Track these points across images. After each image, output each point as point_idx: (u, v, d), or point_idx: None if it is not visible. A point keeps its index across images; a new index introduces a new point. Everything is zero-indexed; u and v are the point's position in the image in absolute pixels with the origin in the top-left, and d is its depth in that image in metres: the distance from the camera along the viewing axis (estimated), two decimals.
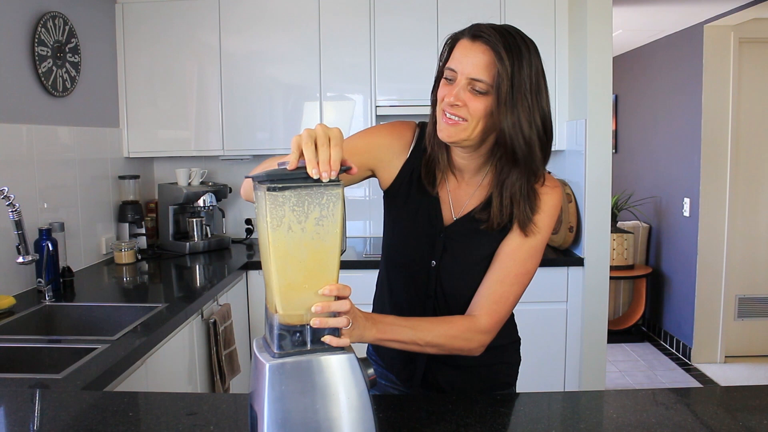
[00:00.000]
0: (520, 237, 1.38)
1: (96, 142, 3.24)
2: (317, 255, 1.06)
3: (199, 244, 3.51)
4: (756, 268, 4.60)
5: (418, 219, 1.46)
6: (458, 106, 1.29)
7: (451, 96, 1.30)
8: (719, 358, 4.61)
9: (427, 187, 1.44)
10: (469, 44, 1.30)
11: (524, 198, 1.36)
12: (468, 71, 1.28)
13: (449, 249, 1.44)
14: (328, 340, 1.07)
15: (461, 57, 1.30)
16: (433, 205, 1.45)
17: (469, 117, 1.30)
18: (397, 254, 1.52)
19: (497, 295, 1.37)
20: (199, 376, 2.55)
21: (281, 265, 1.04)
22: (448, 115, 1.31)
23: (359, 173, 1.44)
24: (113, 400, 1.42)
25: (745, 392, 1.49)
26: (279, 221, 1.01)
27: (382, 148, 1.48)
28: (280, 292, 1.05)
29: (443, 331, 1.30)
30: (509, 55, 1.27)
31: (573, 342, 3.25)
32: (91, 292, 2.68)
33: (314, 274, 1.06)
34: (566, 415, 1.36)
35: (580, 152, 3.23)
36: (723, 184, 4.48)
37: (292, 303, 1.06)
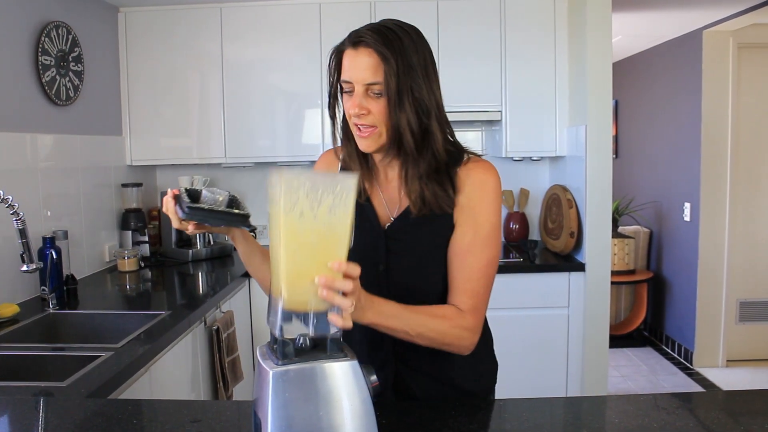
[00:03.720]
0: (470, 231, 1.38)
1: (99, 151, 3.26)
2: (327, 243, 1.07)
3: (202, 252, 3.52)
4: (757, 272, 4.61)
5: (357, 228, 1.43)
6: (364, 114, 1.33)
7: (354, 107, 1.33)
8: (721, 363, 4.61)
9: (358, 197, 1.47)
10: (353, 52, 1.33)
11: (435, 182, 1.38)
12: (360, 77, 1.31)
13: (393, 249, 1.44)
14: (333, 319, 1.08)
15: (350, 67, 1.33)
16: (367, 212, 1.46)
17: (377, 122, 1.34)
18: None
19: (470, 292, 1.37)
20: (203, 384, 2.55)
21: (291, 250, 1.05)
22: (359, 126, 1.35)
23: None
24: (117, 407, 1.43)
25: (746, 396, 1.50)
26: (292, 206, 1.03)
27: None
28: (287, 277, 1.05)
29: (436, 325, 1.32)
30: (392, 51, 1.30)
31: (575, 347, 3.26)
32: (95, 299, 2.70)
33: (323, 263, 1.07)
34: (568, 421, 1.37)
35: (580, 158, 3.24)
36: (723, 188, 4.49)
37: (299, 289, 1.06)
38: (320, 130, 3.52)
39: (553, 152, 3.48)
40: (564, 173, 3.54)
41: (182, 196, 1.28)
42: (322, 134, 3.52)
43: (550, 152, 3.48)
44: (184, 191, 1.29)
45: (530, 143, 3.48)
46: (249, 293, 3.27)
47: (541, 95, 3.45)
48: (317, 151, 3.53)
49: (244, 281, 3.20)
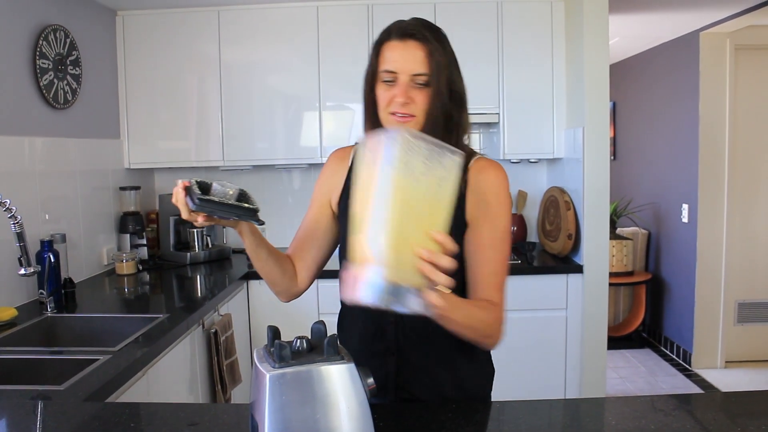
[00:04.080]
0: (487, 227, 1.42)
1: (97, 154, 3.26)
2: (434, 214, 1.06)
3: (200, 255, 3.53)
4: (755, 273, 4.61)
5: None
6: (408, 103, 1.38)
7: (401, 96, 1.38)
8: (720, 364, 4.61)
9: None
10: (401, 44, 1.39)
11: None
12: (409, 68, 1.38)
13: None
14: (431, 297, 1.08)
15: (398, 57, 1.39)
16: None
17: (418, 111, 1.39)
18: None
19: (497, 285, 1.40)
20: (201, 387, 2.55)
21: (401, 215, 1.02)
22: (399, 115, 1.39)
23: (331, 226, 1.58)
24: (115, 411, 1.43)
25: (743, 397, 1.50)
26: (411, 170, 1.01)
27: (328, 178, 1.59)
28: (393, 244, 1.02)
29: (485, 317, 1.34)
30: (438, 44, 1.40)
31: (573, 349, 3.26)
32: (93, 303, 2.69)
33: (426, 235, 1.05)
34: (565, 423, 1.37)
35: (578, 160, 3.24)
36: (721, 189, 4.49)
37: (402, 258, 1.03)
38: (318, 133, 3.52)
39: (550, 154, 3.48)
40: (562, 175, 3.54)
41: (193, 187, 1.28)
42: (320, 136, 3.52)
43: (548, 154, 3.48)
44: (195, 183, 1.29)
45: (528, 145, 3.48)
46: (247, 296, 3.27)
47: (538, 97, 3.45)
48: (315, 153, 3.53)
49: (242, 284, 3.20)
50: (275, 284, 1.52)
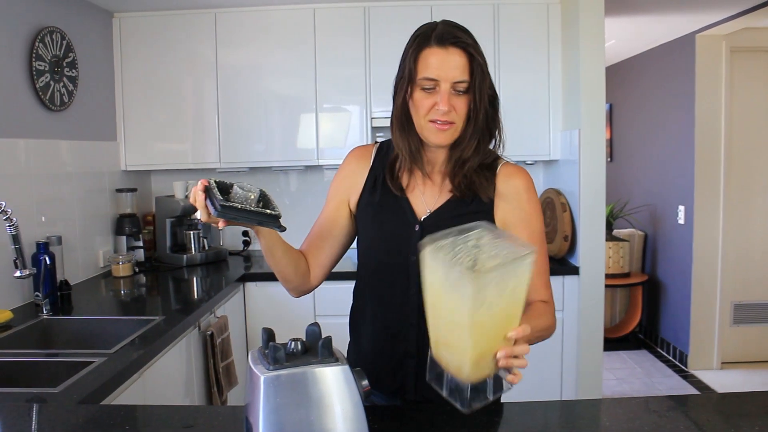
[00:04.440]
0: (524, 229, 1.47)
1: (93, 156, 3.26)
2: (510, 318, 1.09)
3: (197, 257, 3.52)
4: (750, 275, 4.62)
5: (390, 218, 1.52)
6: (449, 111, 1.38)
7: (444, 104, 1.37)
8: (715, 365, 4.62)
9: (394, 190, 1.51)
10: (442, 51, 1.38)
11: (480, 173, 1.47)
12: (450, 76, 1.37)
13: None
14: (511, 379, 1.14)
15: (439, 64, 1.38)
16: (403, 204, 1.51)
17: (457, 118, 1.40)
18: (373, 259, 1.55)
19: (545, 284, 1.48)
20: (197, 389, 2.55)
21: (478, 340, 1.06)
22: (440, 122, 1.39)
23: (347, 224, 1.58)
24: (110, 413, 1.43)
25: (736, 398, 1.50)
26: (482, 302, 1.02)
27: (347, 177, 1.59)
28: (473, 361, 1.07)
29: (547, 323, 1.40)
30: (477, 51, 1.41)
31: (569, 350, 3.26)
32: (89, 305, 2.69)
33: (503, 335, 1.09)
34: (559, 424, 1.38)
35: (574, 161, 3.25)
36: (717, 191, 4.50)
37: (482, 367, 1.09)
38: (314, 135, 3.53)
39: (547, 156, 3.49)
40: (558, 177, 3.55)
41: (214, 191, 1.25)
42: (316, 139, 3.52)
43: (544, 156, 3.49)
44: (215, 184, 1.26)
45: (524, 147, 3.49)
46: (244, 298, 3.27)
47: (535, 99, 3.46)
48: (312, 155, 3.53)
49: (238, 286, 3.20)
50: (288, 281, 1.52)
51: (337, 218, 1.57)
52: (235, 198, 1.27)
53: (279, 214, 1.31)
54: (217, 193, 1.24)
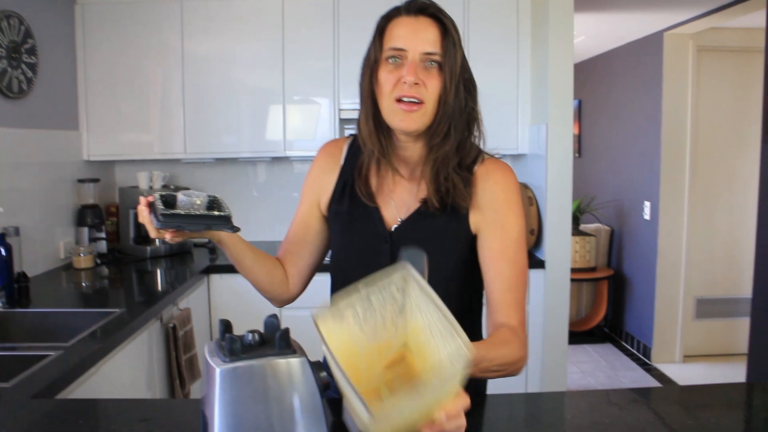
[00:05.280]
0: (497, 236, 1.31)
1: (54, 145, 3.18)
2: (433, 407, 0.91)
3: (161, 248, 3.46)
4: (714, 270, 4.70)
5: (359, 230, 1.39)
6: (418, 85, 1.24)
7: (411, 75, 1.23)
8: (678, 358, 4.69)
9: (362, 197, 1.37)
10: (411, 20, 1.27)
11: (457, 175, 1.31)
12: (420, 46, 1.24)
13: (398, 256, 1.33)
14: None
15: (408, 33, 1.25)
16: (372, 214, 1.38)
17: (426, 97, 1.25)
18: (344, 274, 1.41)
19: (515, 304, 1.29)
20: (158, 382, 2.51)
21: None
22: (405, 100, 1.25)
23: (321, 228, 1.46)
24: (64, 408, 1.39)
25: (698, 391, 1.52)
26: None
27: (317, 177, 1.47)
28: None
29: (510, 354, 1.20)
30: (451, 23, 1.28)
31: (534, 344, 3.27)
32: (48, 297, 2.63)
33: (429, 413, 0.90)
34: (523, 417, 1.37)
35: (541, 156, 3.26)
36: (682, 187, 4.57)
37: None
38: (282, 127, 3.48)
39: (514, 150, 3.49)
40: (525, 171, 3.56)
41: (156, 203, 1.20)
42: (283, 130, 3.48)
43: (512, 150, 3.49)
44: (159, 198, 1.21)
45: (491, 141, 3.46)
46: (208, 290, 3.22)
47: (503, 93, 3.46)
48: (279, 147, 3.49)
49: (203, 278, 3.15)
50: (264, 291, 1.44)
51: (310, 222, 1.46)
52: (179, 207, 1.22)
53: (229, 215, 1.24)
54: (159, 205, 1.20)
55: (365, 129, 1.35)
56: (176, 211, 1.20)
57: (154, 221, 1.20)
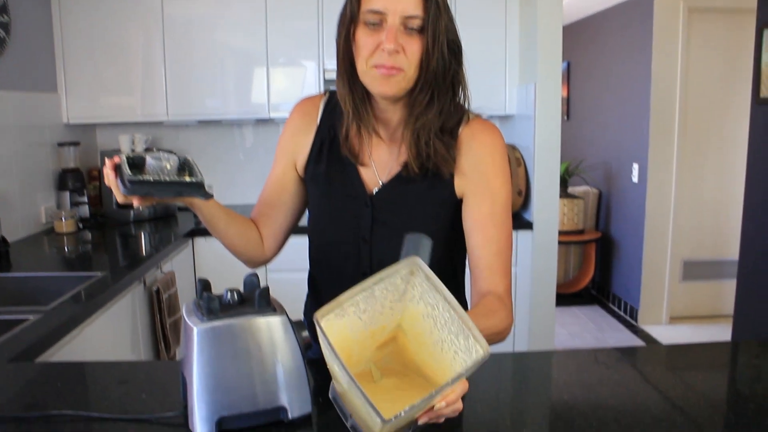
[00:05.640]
0: (486, 201, 1.26)
1: (32, 108, 3.10)
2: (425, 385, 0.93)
3: (144, 212, 3.41)
4: (701, 233, 4.71)
5: (338, 192, 1.33)
6: (398, 53, 1.16)
7: (390, 41, 1.15)
8: (665, 320, 4.73)
9: (347, 155, 1.31)
10: None
11: (439, 140, 1.25)
12: (400, 9, 1.15)
13: (379, 219, 1.30)
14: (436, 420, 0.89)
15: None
16: (352, 176, 1.32)
17: (407, 64, 1.18)
18: (323, 237, 1.39)
19: (502, 270, 1.24)
20: (143, 345, 2.49)
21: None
22: (385, 68, 1.17)
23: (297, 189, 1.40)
24: (42, 371, 1.36)
25: (683, 350, 1.51)
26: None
27: (292, 137, 1.39)
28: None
29: (496, 324, 1.14)
30: None
31: (522, 305, 3.28)
32: (28, 262, 2.58)
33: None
34: (507, 377, 1.36)
35: (529, 116, 3.22)
36: (671, 150, 4.55)
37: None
38: (265, 89, 3.41)
39: (502, 111, 3.45)
40: (513, 132, 3.52)
41: (123, 167, 1.12)
42: (267, 92, 3.41)
43: (500, 111, 3.45)
44: (125, 161, 1.13)
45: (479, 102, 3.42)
46: (193, 253, 3.19)
47: (491, 53, 3.40)
48: (263, 110, 3.43)
49: (187, 241, 3.12)
50: (239, 254, 1.39)
51: (285, 183, 1.39)
52: (148, 171, 1.14)
53: (201, 181, 1.16)
54: (126, 169, 1.11)
55: (342, 90, 1.28)
56: (144, 177, 1.12)
57: (121, 187, 1.12)
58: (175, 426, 1.07)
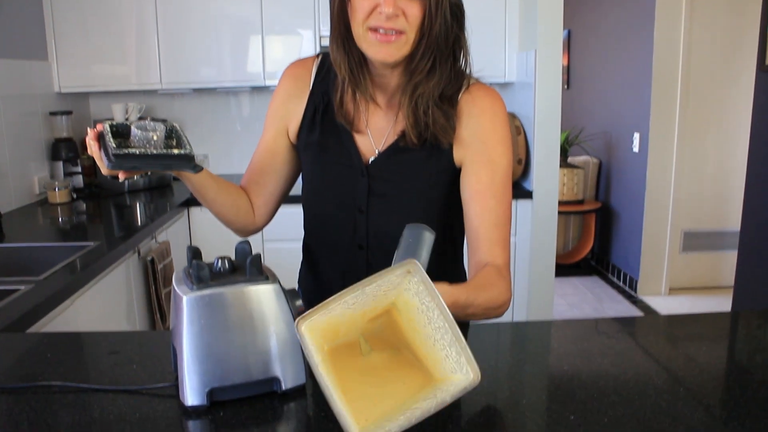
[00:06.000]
0: (486, 170, 1.22)
1: (22, 77, 3.04)
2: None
3: (139, 182, 3.37)
4: (701, 203, 4.68)
5: (333, 162, 1.29)
6: (397, 16, 1.10)
7: (389, 6, 1.08)
8: (664, 291, 4.71)
9: (342, 122, 1.27)
10: None
11: (439, 108, 1.21)
12: None
13: (375, 190, 1.27)
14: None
15: None
16: (347, 143, 1.28)
17: (407, 28, 1.12)
18: (317, 207, 1.35)
19: (502, 241, 1.21)
20: (138, 316, 2.46)
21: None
22: (382, 31, 1.12)
23: (288, 156, 1.36)
24: (31, 341, 1.33)
25: (685, 321, 1.48)
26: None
27: (284, 102, 1.34)
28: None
29: (495, 298, 1.12)
30: None
31: (521, 275, 3.25)
32: (21, 233, 2.54)
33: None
34: (506, 346, 1.33)
35: (529, 84, 3.16)
36: (672, 119, 4.49)
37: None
38: (260, 57, 3.35)
39: (502, 78, 3.39)
40: (513, 100, 3.46)
41: (107, 138, 1.06)
42: (262, 60, 3.35)
43: (499, 78, 3.39)
44: (109, 130, 1.07)
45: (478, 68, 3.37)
46: (188, 223, 3.15)
47: (490, 19, 3.33)
48: (258, 78, 3.37)
49: (182, 211, 3.08)
50: (229, 223, 1.35)
51: (276, 150, 1.35)
52: (134, 142, 1.08)
53: (190, 153, 1.11)
54: (110, 141, 1.05)
55: (335, 54, 1.22)
56: (130, 151, 1.06)
57: (105, 161, 1.07)
58: (166, 397, 1.04)
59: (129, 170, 1.09)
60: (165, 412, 0.99)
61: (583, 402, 1.01)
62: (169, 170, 1.13)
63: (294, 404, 1.01)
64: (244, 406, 1.00)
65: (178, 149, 1.11)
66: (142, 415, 0.98)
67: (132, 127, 1.10)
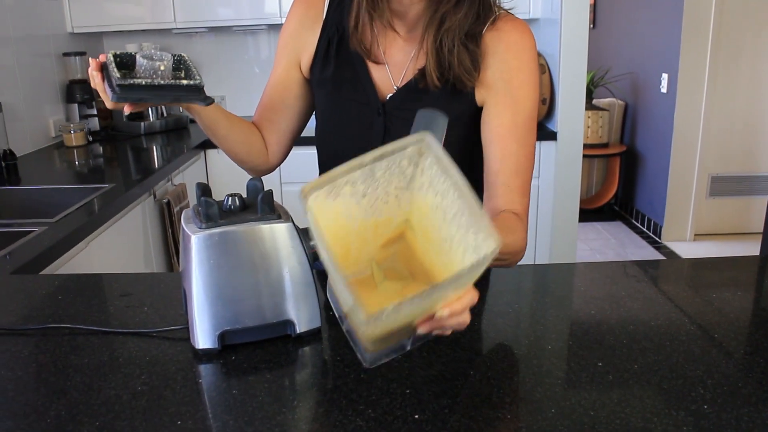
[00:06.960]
0: (508, 111, 1.15)
1: (33, 17, 2.97)
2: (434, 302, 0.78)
3: (156, 124, 3.32)
4: (731, 147, 4.53)
5: (347, 99, 1.22)
6: None
7: None
8: (689, 237, 4.62)
9: (356, 49, 1.18)
10: None
11: (464, 47, 1.12)
12: None
13: (392, 130, 1.19)
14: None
15: None
16: (362, 77, 1.20)
17: None
18: (331, 147, 1.29)
19: (521, 189, 1.15)
20: (155, 258, 2.45)
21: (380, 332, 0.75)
22: None
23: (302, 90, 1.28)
24: (43, 283, 1.30)
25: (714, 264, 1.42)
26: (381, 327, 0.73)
27: (295, 33, 1.25)
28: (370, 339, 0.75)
29: (513, 243, 1.07)
30: None
31: (544, 218, 3.19)
32: (36, 175, 2.52)
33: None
34: (529, 289, 1.28)
35: (555, 21, 3.03)
36: (703, 58, 4.31)
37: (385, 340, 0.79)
38: None
39: (526, 14, 3.25)
40: (538, 38, 3.28)
41: (110, 67, 0.98)
42: None
43: (524, 14, 3.25)
44: (113, 60, 1.00)
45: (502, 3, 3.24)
46: (206, 165, 3.11)
47: None
48: (275, 16, 3.26)
49: (199, 152, 3.03)
50: (242, 161, 1.30)
51: (289, 84, 1.27)
52: (139, 73, 1.01)
53: (199, 84, 1.04)
54: (113, 71, 0.98)
55: None
56: (136, 81, 0.99)
57: (109, 92, 0.99)
58: (177, 340, 1.01)
59: (135, 102, 1.02)
60: (176, 356, 0.96)
61: (611, 348, 0.97)
62: (178, 102, 1.06)
63: (308, 348, 0.98)
64: (257, 350, 0.96)
65: (186, 80, 1.04)
66: (152, 358, 0.95)
67: (137, 57, 1.03)
